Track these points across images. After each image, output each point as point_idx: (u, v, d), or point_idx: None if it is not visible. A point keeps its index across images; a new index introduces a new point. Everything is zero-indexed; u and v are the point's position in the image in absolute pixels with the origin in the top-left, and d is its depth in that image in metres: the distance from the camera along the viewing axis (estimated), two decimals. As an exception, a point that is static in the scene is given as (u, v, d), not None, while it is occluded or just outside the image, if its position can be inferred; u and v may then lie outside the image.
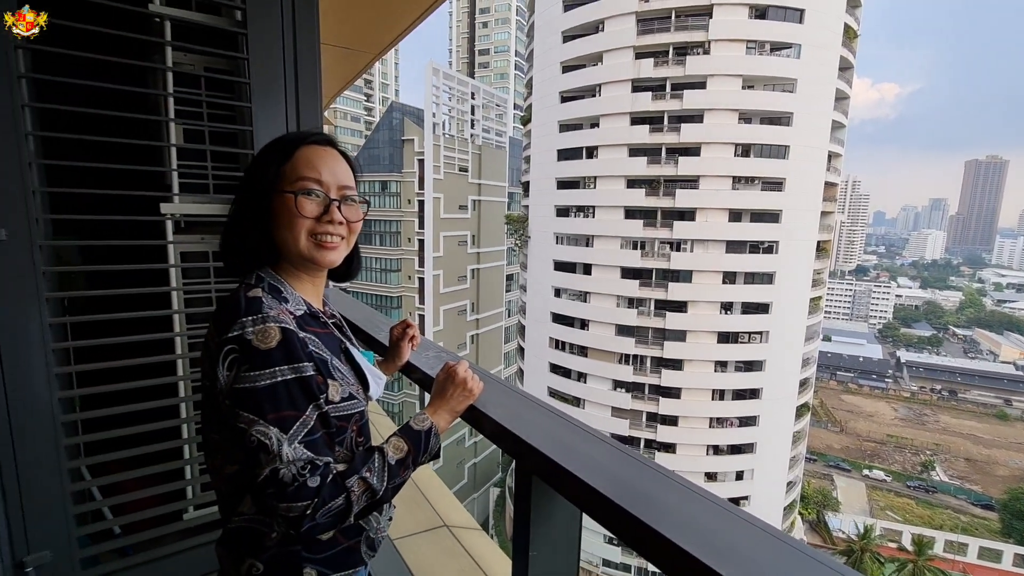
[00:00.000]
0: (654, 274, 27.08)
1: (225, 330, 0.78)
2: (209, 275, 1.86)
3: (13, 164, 1.40)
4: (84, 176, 1.68)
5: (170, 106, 1.72)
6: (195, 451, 1.91)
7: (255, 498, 0.81)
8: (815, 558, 0.65)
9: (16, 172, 1.41)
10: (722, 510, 0.73)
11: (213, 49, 1.79)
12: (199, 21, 1.72)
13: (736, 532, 0.70)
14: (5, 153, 1.39)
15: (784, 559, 0.65)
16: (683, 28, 25.74)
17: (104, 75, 1.66)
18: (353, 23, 3.51)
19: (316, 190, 0.87)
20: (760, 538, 0.69)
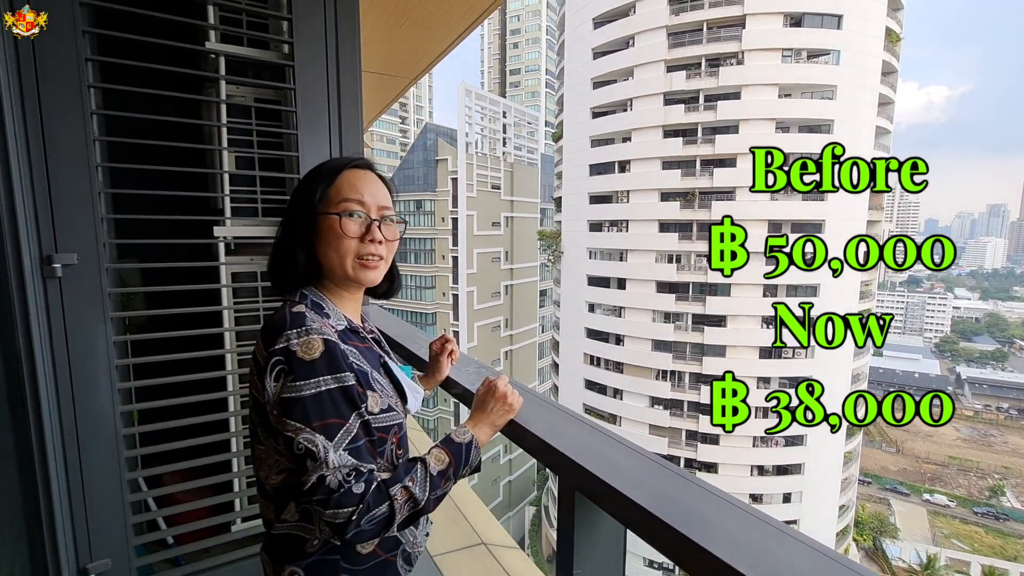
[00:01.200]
0: (691, 288, 26.49)
1: (272, 343, 0.82)
2: (257, 294, 1.95)
3: (85, 193, 1.52)
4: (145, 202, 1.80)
5: (223, 135, 1.83)
6: (243, 464, 1.98)
7: (301, 505, 0.83)
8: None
9: (87, 201, 1.52)
10: (773, 529, 0.71)
11: (263, 81, 1.90)
12: (251, 56, 1.83)
13: (789, 552, 0.67)
14: (79, 184, 1.51)
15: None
16: (715, 40, 25.50)
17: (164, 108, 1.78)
18: (391, 51, 3.65)
19: (359, 211, 0.92)
20: (816, 559, 0.66)
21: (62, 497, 1.53)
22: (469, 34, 3.59)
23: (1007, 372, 71.70)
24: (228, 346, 1.89)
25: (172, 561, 1.90)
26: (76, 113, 1.49)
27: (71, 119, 1.49)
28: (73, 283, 1.52)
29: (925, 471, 50.39)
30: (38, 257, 1.46)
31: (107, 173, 1.66)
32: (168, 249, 1.87)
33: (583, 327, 30.50)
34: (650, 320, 27.62)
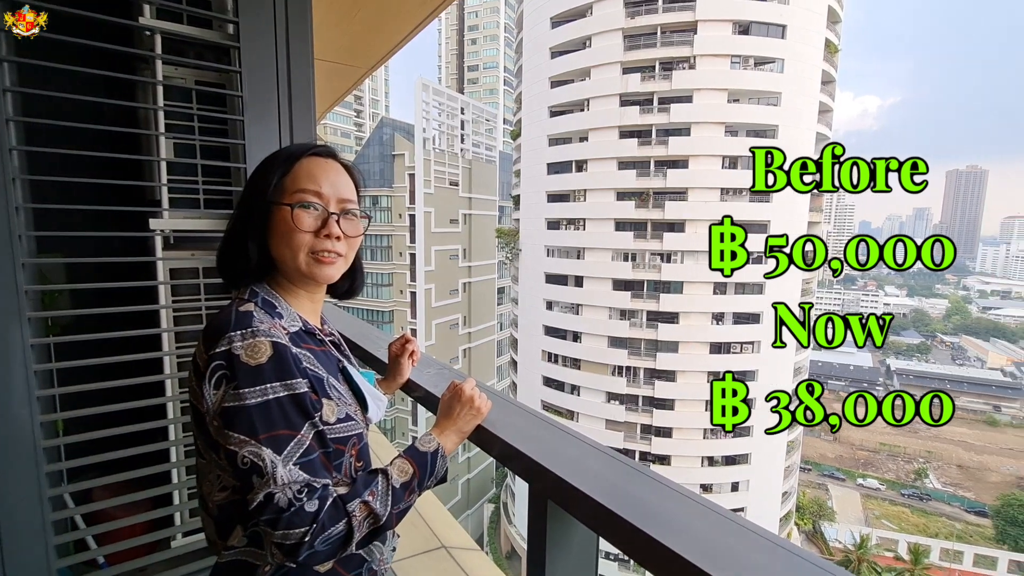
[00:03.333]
0: (645, 285, 27.19)
1: (213, 346, 0.74)
2: (199, 292, 1.81)
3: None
4: (70, 192, 1.64)
5: (160, 120, 1.69)
6: (184, 475, 1.84)
7: (247, 526, 0.76)
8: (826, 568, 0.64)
9: None
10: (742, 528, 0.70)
11: (205, 62, 1.76)
12: (191, 35, 1.69)
13: (760, 553, 0.67)
14: (-13, 168, 1.35)
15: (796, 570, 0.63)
16: (669, 44, 26.20)
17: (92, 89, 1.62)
18: (345, 40, 3.52)
19: (315, 203, 0.84)
20: (779, 555, 0.67)
21: (-30, 520, 1.37)
22: (425, 26, 3.51)
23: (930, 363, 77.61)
24: (167, 348, 1.75)
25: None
26: (-15, 89, 1.33)
27: (-21, 96, 1.33)
28: (-18, 280, 1.36)
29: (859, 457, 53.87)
30: (-61, 250, 1.30)
31: (24, 157, 1.49)
32: (98, 243, 1.70)
33: (541, 324, 30.75)
34: (606, 317, 28.17)
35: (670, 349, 26.70)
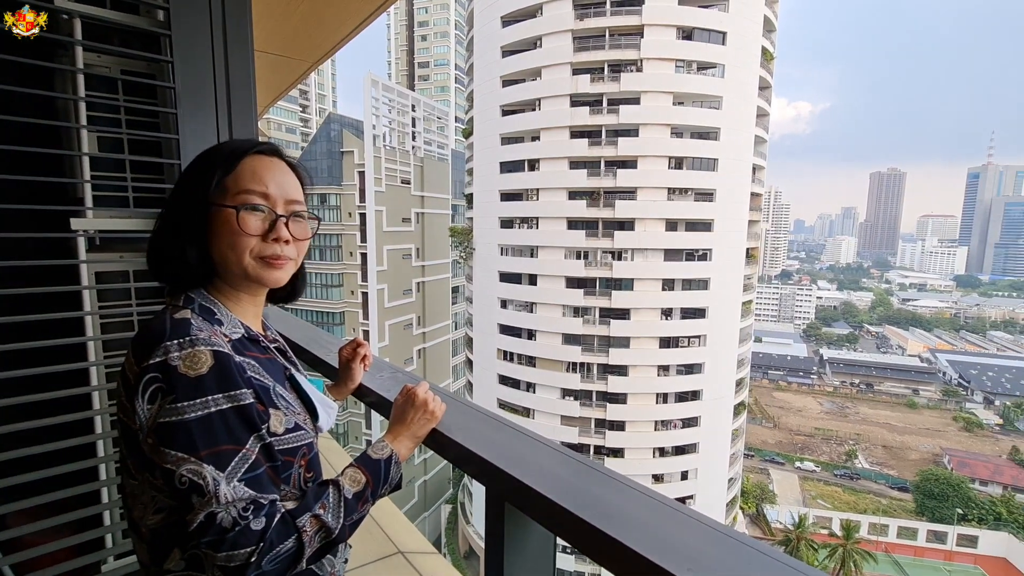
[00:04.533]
0: (598, 283, 27.75)
1: (146, 357, 0.69)
2: (130, 297, 1.69)
3: None
4: (-24, 189, 1.48)
5: (81, 111, 1.56)
6: (115, 494, 1.72)
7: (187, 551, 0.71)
8: (764, 552, 0.67)
9: None
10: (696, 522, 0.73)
11: (131, 51, 1.64)
12: (115, 20, 1.57)
13: (709, 543, 0.70)
14: None
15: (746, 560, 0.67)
16: (617, 47, 26.82)
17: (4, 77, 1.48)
18: (288, 31, 3.38)
19: (261, 205, 0.79)
20: (728, 544, 0.70)
21: None
22: (373, 21, 3.42)
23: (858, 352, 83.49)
24: (93, 358, 1.62)
25: (23, 616, 1.60)
26: None
27: None
28: None
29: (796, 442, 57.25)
30: None
31: (-81, 151, 1.34)
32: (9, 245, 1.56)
33: (496, 323, 30.79)
34: (560, 315, 28.56)
35: (622, 345, 27.39)
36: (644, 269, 27.21)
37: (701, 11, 26.55)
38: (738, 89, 27.17)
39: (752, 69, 27.74)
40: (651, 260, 27.16)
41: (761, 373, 74.08)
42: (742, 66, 27.27)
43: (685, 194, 27.24)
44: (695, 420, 27.58)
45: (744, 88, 27.47)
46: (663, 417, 27.57)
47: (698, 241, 27.04)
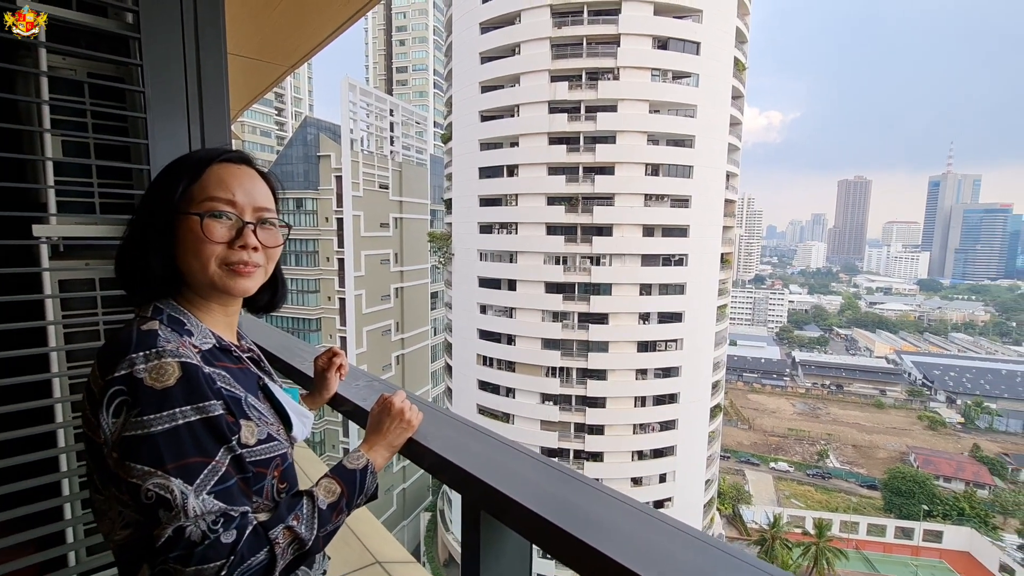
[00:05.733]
0: (576, 288, 27.95)
1: (110, 370, 0.67)
2: (96, 305, 1.64)
3: None
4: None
5: (44, 115, 1.51)
6: (80, 510, 1.66)
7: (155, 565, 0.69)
8: (737, 556, 0.69)
9: None
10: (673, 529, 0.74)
11: (98, 53, 1.60)
12: (80, 21, 1.53)
13: (686, 550, 0.71)
14: None
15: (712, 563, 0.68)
16: (594, 55, 27.19)
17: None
18: (262, 34, 3.34)
19: (227, 212, 0.78)
20: (706, 552, 0.71)
21: None
22: (350, 25, 3.40)
23: (828, 354, 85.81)
24: (56, 369, 1.57)
25: (-22, 640, 1.53)
26: None
27: None
28: None
29: (771, 443, 58.43)
30: None
31: None
32: (-34, 252, 1.49)
33: (475, 328, 30.72)
34: (540, 319, 28.65)
35: (601, 349, 27.61)
36: (622, 274, 27.52)
37: (676, 21, 27.12)
38: (712, 98, 27.81)
39: (725, 79, 28.43)
40: (629, 265, 27.48)
41: (736, 376, 75.50)
42: (715, 76, 27.92)
43: (661, 200, 27.70)
44: (673, 423, 27.93)
45: (717, 97, 28.13)
46: (641, 420, 27.84)
47: (674, 246, 27.50)
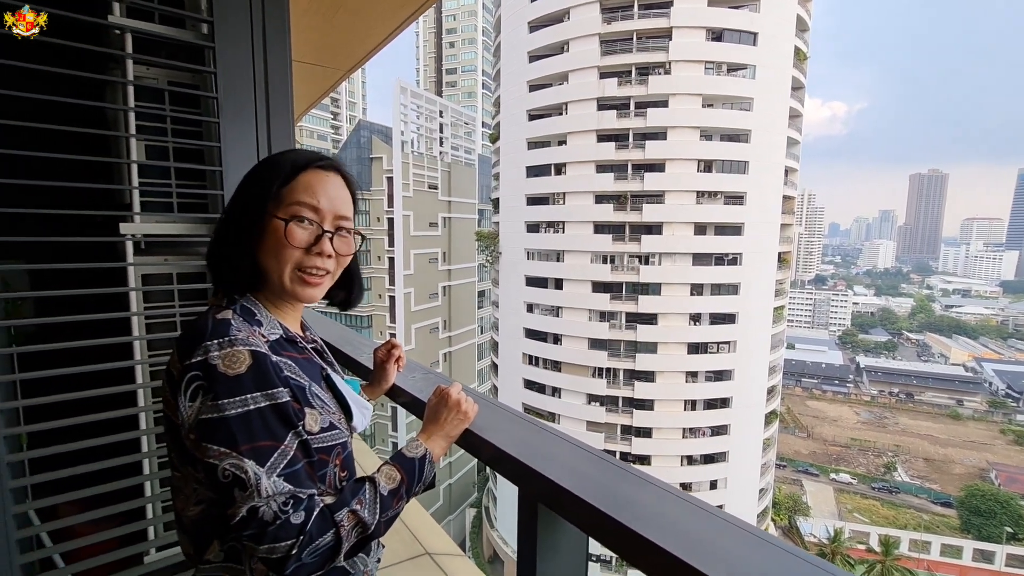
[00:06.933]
0: (624, 287, 27.49)
1: (188, 355, 0.72)
2: (174, 298, 1.76)
3: (-46, 183, 1.30)
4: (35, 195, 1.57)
5: (131, 121, 1.63)
6: (158, 488, 1.78)
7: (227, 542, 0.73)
8: (805, 559, 0.66)
9: (-42, 191, 1.30)
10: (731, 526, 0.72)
11: (177, 63, 1.72)
12: (163, 34, 1.64)
13: (745, 547, 0.69)
14: (-55, 171, 1.29)
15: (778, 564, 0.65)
16: (644, 49, 26.62)
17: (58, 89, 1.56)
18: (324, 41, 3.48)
19: (310, 218, 0.82)
20: (765, 549, 0.69)
21: (-73, 541, 1.30)
22: (404, 28, 3.48)
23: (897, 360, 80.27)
24: (139, 357, 1.69)
25: (72, 602, 1.68)
26: (-57, 88, 1.27)
27: (-64, 95, 1.27)
28: (-60, 288, 1.30)
29: (831, 453, 55.32)
30: None
31: (-15, 160, 1.43)
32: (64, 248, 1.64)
33: (522, 327, 30.80)
34: (586, 319, 28.38)
35: (649, 350, 27.03)
36: (672, 273, 26.82)
37: (731, 12, 26.14)
38: (770, 90, 26.61)
39: (784, 69, 27.13)
40: (679, 264, 26.75)
41: (794, 381, 71.96)
42: (774, 67, 26.70)
43: (714, 197, 26.77)
44: (725, 428, 26.97)
45: (776, 89, 26.88)
46: (691, 424, 27.05)
47: (728, 245, 26.52)
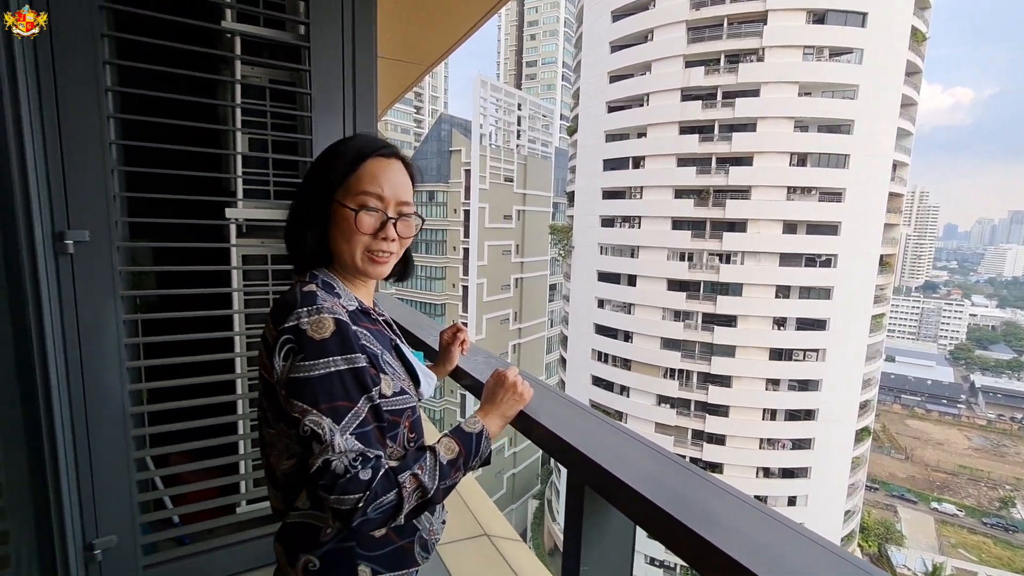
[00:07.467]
0: (702, 286, 26.30)
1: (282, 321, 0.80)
2: (267, 277, 1.94)
3: (98, 170, 1.51)
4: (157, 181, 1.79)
5: (237, 116, 1.81)
6: (249, 447, 1.98)
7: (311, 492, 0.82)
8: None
9: (101, 178, 1.52)
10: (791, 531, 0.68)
11: (278, 62, 1.88)
12: (266, 36, 1.80)
13: (796, 548, 0.66)
14: (93, 160, 1.50)
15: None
16: (736, 35, 25.11)
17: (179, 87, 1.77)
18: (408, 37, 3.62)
19: (376, 206, 0.89)
20: (821, 556, 0.65)
21: (69, 473, 1.54)
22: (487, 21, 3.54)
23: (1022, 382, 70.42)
24: (237, 328, 1.88)
25: (177, 540, 1.91)
26: (91, 88, 1.48)
27: (86, 95, 1.48)
28: (84, 260, 1.52)
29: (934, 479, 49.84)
30: (50, 233, 1.45)
31: (120, 151, 1.65)
32: (179, 229, 1.86)
33: (592, 323, 30.43)
34: (660, 318, 27.49)
35: (726, 353, 25.71)
36: (755, 273, 25.26)
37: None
38: (879, 76, 24.13)
39: (897, 53, 24.47)
40: (764, 264, 25.14)
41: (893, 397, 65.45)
42: (885, 50, 24.17)
43: (808, 193, 24.81)
44: (808, 442, 25.12)
45: (886, 75, 24.33)
46: (770, 435, 25.45)
47: (821, 245, 24.49)
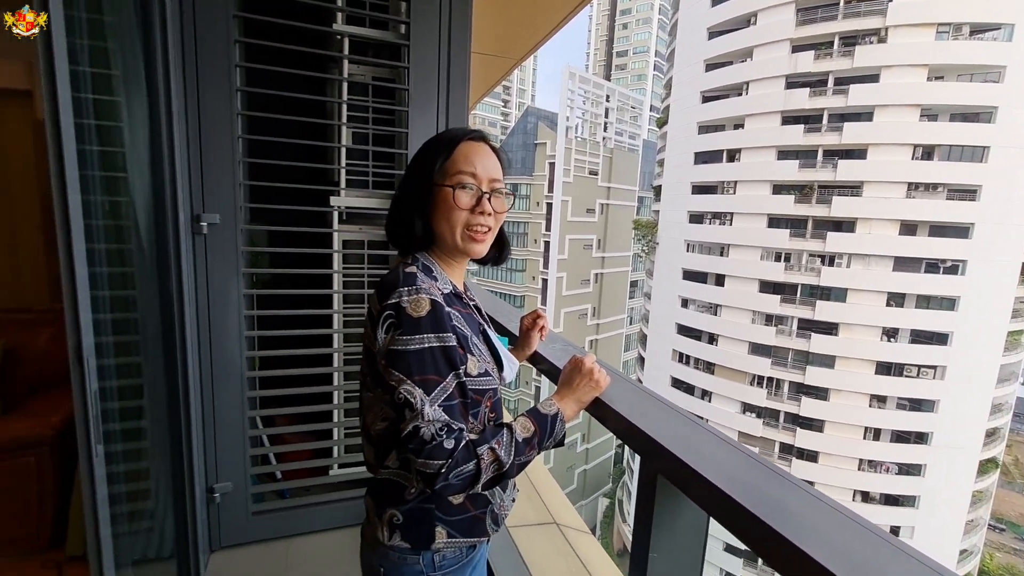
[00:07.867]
0: (799, 289, 24.33)
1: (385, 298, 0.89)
2: (364, 261, 2.10)
3: (228, 161, 1.72)
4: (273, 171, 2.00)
5: (343, 111, 1.97)
6: (343, 416, 2.16)
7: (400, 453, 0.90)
8: None
9: (230, 168, 1.72)
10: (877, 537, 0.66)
11: (380, 60, 2.01)
12: (372, 36, 1.94)
13: (880, 553, 0.65)
14: (224, 153, 1.71)
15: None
16: (854, 14, 22.76)
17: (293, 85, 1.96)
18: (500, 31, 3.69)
19: (471, 183, 0.96)
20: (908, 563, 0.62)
21: (198, 424, 1.78)
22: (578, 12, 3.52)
23: None
24: (336, 306, 2.06)
25: (279, 493, 2.14)
26: (224, 89, 1.69)
27: (220, 95, 1.68)
28: (215, 240, 1.74)
29: (1080, 526, 42.70)
30: (190, 215, 1.68)
31: (245, 144, 1.86)
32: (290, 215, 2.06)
33: (674, 323, 29.29)
34: (749, 321, 25.85)
35: (824, 363, 23.65)
36: (863, 278, 22.89)
37: (983, -43, 20.90)
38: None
39: (1060, 26, 20.92)
40: (874, 268, 22.72)
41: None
42: (1043, 24, 20.76)
43: (933, 190, 22.02)
44: (918, 468, 22.50)
45: (1044, 53, 20.89)
46: (871, 456, 23.11)
47: (946, 249, 21.60)
